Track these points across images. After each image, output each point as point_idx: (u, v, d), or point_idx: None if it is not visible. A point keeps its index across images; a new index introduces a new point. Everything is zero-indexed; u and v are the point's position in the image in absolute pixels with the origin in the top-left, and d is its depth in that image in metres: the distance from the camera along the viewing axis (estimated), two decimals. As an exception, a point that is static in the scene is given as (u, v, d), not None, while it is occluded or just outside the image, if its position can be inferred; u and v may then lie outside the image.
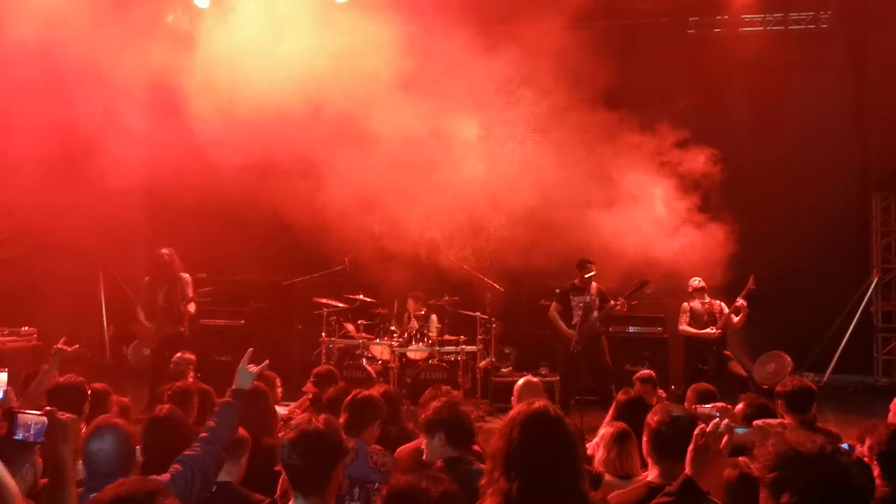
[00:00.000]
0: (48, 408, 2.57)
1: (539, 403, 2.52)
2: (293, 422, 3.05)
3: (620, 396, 5.03)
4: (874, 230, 11.55)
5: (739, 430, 3.42)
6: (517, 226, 9.88)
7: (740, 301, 8.63)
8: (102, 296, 12.09)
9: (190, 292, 8.74)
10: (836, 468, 2.02)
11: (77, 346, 5.29)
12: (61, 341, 5.16)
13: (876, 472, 3.52)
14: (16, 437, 2.54)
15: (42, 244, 9.98)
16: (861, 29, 11.47)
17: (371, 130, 9.29)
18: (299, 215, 9.06)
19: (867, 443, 3.64)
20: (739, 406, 4.57)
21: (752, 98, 11.62)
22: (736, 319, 8.69)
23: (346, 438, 4.10)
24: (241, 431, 4.04)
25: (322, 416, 3.02)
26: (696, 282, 8.97)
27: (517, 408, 2.55)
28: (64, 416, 2.53)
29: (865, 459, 3.61)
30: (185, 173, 9.15)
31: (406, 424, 4.99)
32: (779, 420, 3.71)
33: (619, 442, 4.14)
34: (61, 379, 4.63)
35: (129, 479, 2.30)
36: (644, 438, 3.33)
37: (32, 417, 2.52)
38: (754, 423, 3.66)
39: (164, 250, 8.75)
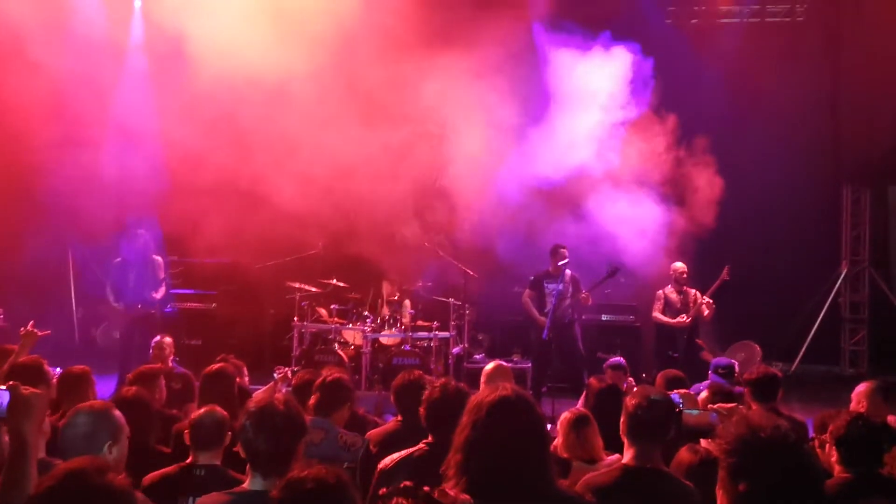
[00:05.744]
0: (11, 382, 2.51)
1: (504, 388, 2.49)
2: (252, 402, 3.00)
3: (592, 383, 5.04)
4: (844, 222, 11.70)
5: (693, 413, 3.45)
6: (491, 212, 9.84)
7: (707, 299, 8.72)
8: (71, 276, 11.89)
9: (161, 274, 8.66)
10: (795, 461, 1.96)
11: (49, 332, 5.21)
12: (30, 324, 5.07)
13: (834, 457, 3.56)
14: None
15: (9, 223, 9.78)
16: (836, 21, 11.54)
17: (345, 113, 9.19)
18: (272, 198, 8.96)
19: (829, 429, 3.69)
20: (704, 394, 4.61)
21: (727, 89, 11.64)
22: (706, 313, 8.78)
23: (317, 419, 4.10)
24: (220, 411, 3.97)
25: (280, 396, 2.98)
26: (679, 266, 8.97)
27: (481, 392, 2.53)
28: (28, 390, 2.46)
29: (827, 446, 3.65)
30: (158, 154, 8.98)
31: (357, 410, 4.95)
32: (732, 405, 3.73)
33: (575, 427, 4.10)
34: (21, 359, 4.55)
35: (81, 457, 2.25)
36: (622, 420, 3.34)
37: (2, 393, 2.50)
38: (709, 406, 3.68)
39: (138, 231, 8.66)
